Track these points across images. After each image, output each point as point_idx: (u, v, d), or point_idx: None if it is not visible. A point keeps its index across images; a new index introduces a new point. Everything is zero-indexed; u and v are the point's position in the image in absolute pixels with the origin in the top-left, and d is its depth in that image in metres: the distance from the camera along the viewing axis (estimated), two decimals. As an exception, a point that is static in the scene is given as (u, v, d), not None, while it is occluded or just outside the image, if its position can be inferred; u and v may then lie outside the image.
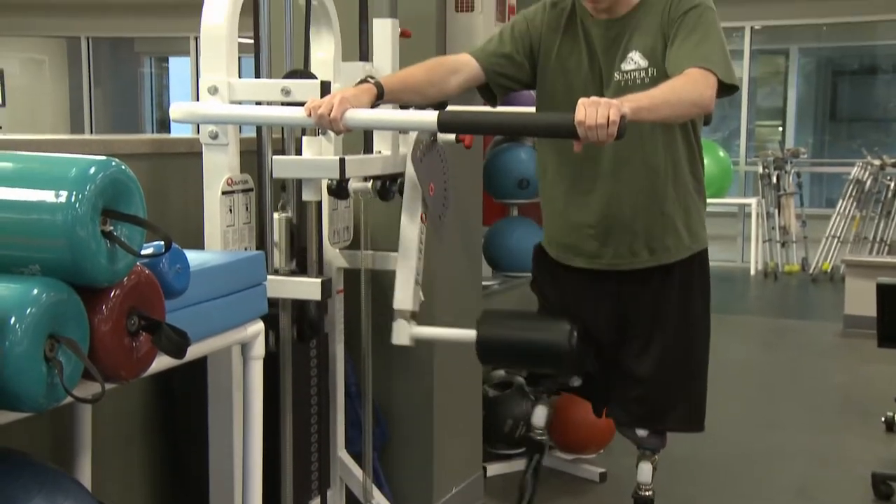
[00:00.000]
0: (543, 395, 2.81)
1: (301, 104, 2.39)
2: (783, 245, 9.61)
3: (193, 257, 1.91)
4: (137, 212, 1.62)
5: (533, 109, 2.75)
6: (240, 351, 2.30)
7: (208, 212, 2.57)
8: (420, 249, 2.70)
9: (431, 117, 2.28)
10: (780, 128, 11.88)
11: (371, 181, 2.73)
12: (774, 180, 9.59)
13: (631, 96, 2.22)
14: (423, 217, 2.70)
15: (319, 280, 2.60)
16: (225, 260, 2.20)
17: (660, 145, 2.51)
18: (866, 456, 4.40)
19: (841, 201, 9.27)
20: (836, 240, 9.21)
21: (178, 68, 13.67)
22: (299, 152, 2.64)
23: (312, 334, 2.79)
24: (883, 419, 4.79)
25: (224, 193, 2.57)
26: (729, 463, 4.36)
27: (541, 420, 2.82)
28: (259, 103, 2.66)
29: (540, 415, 2.82)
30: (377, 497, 3.08)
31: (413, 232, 2.68)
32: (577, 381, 2.69)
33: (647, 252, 2.57)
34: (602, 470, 4.08)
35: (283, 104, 2.57)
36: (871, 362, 5.92)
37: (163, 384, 2.67)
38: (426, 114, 2.36)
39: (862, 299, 6.43)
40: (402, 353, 3.13)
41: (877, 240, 9.01)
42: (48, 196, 1.49)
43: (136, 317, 1.65)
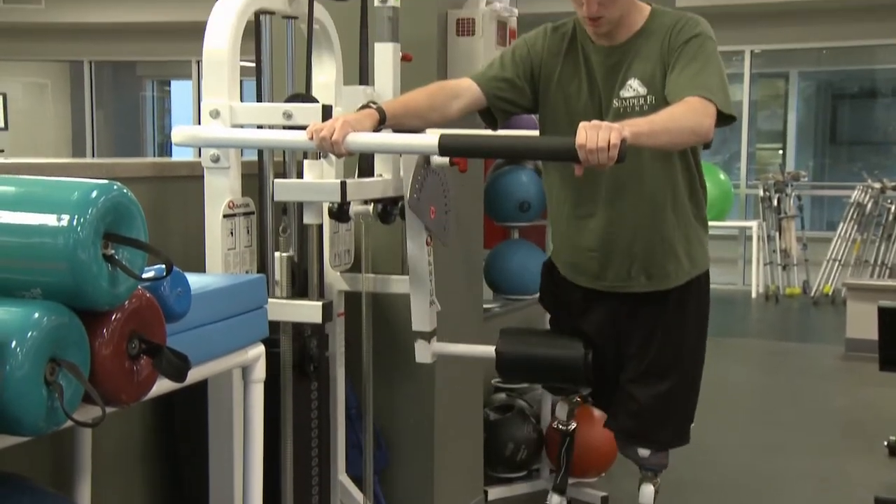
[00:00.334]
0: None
1: (302, 128, 2.40)
2: (784, 268, 9.61)
3: (194, 280, 1.91)
4: (139, 235, 1.62)
5: (533, 132, 2.77)
6: (240, 374, 2.30)
7: (209, 235, 2.57)
8: (430, 272, 2.80)
9: (432, 141, 2.29)
10: (781, 151, 11.91)
11: (372, 204, 2.73)
12: (775, 203, 9.60)
13: (631, 121, 2.23)
14: (429, 240, 2.75)
15: (320, 303, 2.60)
16: (226, 283, 2.20)
17: (658, 172, 2.52)
18: (869, 480, 4.38)
19: (842, 224, 9.27)
20: (838, 263, 9.21)
21: (180, 92, 13.71)
22: (301, 175, 2.64)
23: (314, 369, 2.81)
24: (885, 443, 4.77)
25: (225, 217, 2.57)
26: (730, 486, 4.34)
27: (563, 414, 2.92)
28: (260, 127, 2.67)
29: (562, 410, 2.92)
30: (378, 521, 3.07)
31: (421, 257, 2.77)
32: (587, 389, 2.83)
33: (645, 277, 2.58)
34: (604, 494, 4.06)
35: (285, 128, 2.58)
36: (873, 386, 5.90)
37: (163, 407, 2.67)
38: (427, 137, 2.37)
39: (863, 322, 6.42)
40: (403, 376, 3.13)
41: (878, 263, 9.01)
42: (50, 220, 1.50)
43: (137, 340, 1.65)
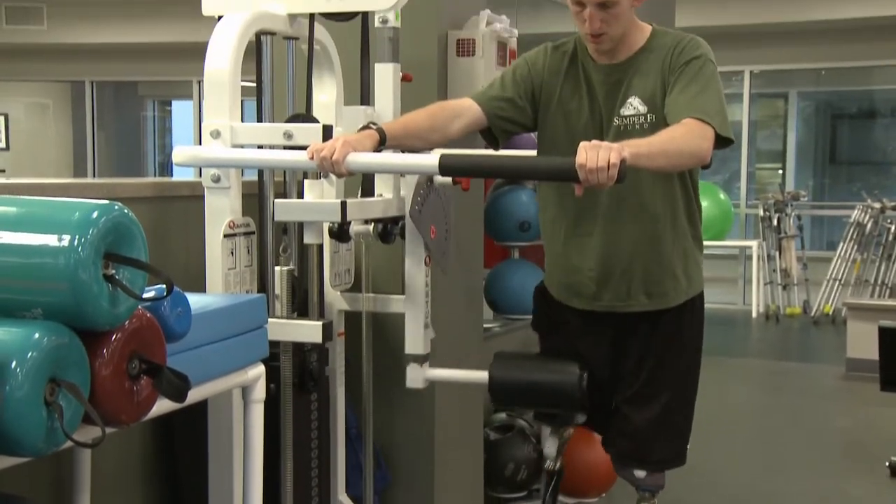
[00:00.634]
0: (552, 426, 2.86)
1: (303, 148, 2.41)
2: (784, 288, 9.60)
3: (195, 300, 1.91)
4: (139, 255, 1.62)
5: (534, 152, 2.77)
6: (240, 394, 2.29)
7: (210, 255, 2.57)
8: (427, 293, 2.74)
9: (433, 161, 2.30)
10: (781, 171, 11.92)
11: (372, 224, 2.73)
12: (775, 223, 9.61)
13: (631, 142, 2.24)
14: (428, 260, 2.73)
15: (320, 323, 2.60)
16: (226, 303, 2.21)
17: (658, 191, 2.53)
18: (870, 501, 4.37)
19: (842, 244, 9.27)
20: (838, 282, 9.21)
21: (181, 111, 13.75)
22: (301, 195, 2.65)
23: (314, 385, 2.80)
24: (887, 464, 4.75)
25: (226, 236, 2.58)
26: (732, 507, 4.33)
27: (552, 450, 2.84)
28: (261, 146, 2.67)
29: (551, 444, 2.84)
30: (378, 542, 3.06)
31: (419, 277, 2.72)
32: (582, 418, 2.75)
33: (645, 296, 2.58)
34: (604, 514, 4.05)
35: (286, 148, 2.58)
36: (874, 406, 5.89)
37: (163, 427, 2.66)
38: (427, 157, 2.37)
39: (864, 342, 6.41)
40: (403, 396, 3.12)
41: (878, 283, 9.01)
42: (51, 240, 1.50)
43: (138, 360, 1.65)
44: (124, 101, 13.65)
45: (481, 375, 2.73)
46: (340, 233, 2.66)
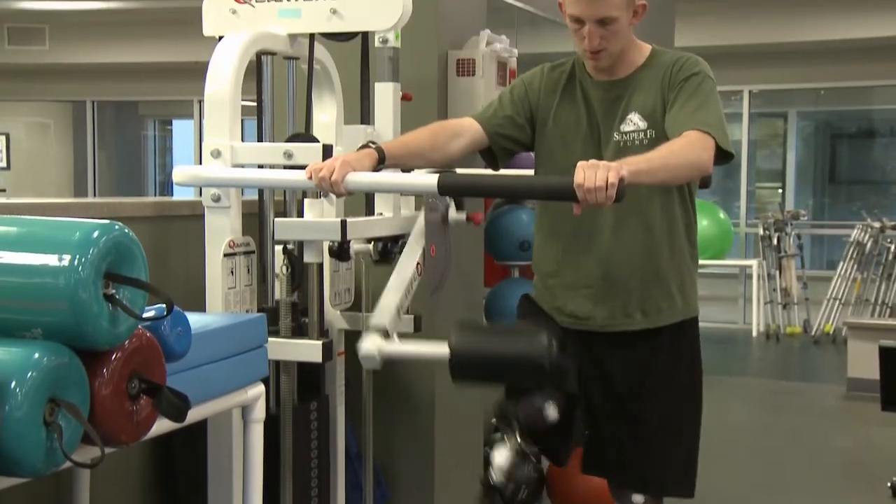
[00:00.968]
0: (508, 433, 2.62)
1: (303, 167, 2.41)
2: (785, 307, 9.59)
3: (195, 320, 1.91)
4: (140, 275, 1.62)
5: (532, 172, 2.77)
6: (240, 413, 2.29)
7: (210, 274, 2.58)
8: (410, 289, 2.57)
9: (432, 180, 2.30)
10: (780, 190, 11.93)
11: (372, 243, 2.74)
12: (775, 242, 9.61)
13: (629, 159, 2.24)
14: (419, 267, 2.69)
15: (321, 342, 2.60)
16: (226, 322, 2.21)
17: (657, 206, 2.52)
18: (872, 521, 4.35)
19: (842, 263, 9.27)
20: (838, 302, 9.20)
21: (182, 131, 13.78)
22: (301, 214, 2.65)
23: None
24: (889, 484, 4.73)
25: (226, 256, 2.58)
26: (733, 528, 4.31)
27: (502, 461, 2.63)
28: (261, 166, 2.68)
29: (500, 456, 2.62)
30: (377, 562, 3.05)
31: (409, 268, 2.55)
32: (554, 413, 2.47)
33: (641, 314, 2.55)
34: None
35: (286, 167, 2.59)
36: (876, 426, 5.87)
37: (163, 446, 2.66)
38: (426, 177, 2.37)
39: (865, 362, 6.40)
40: (403, 415, 3.12)
41: (878, 302, 9.00)
42: (51, 260, 1.50)
43: (137, 380, 1.65)
44: (125, 121, 13.68)
45: (442, 350, 2.40)
46: (340, 252, 2.66)
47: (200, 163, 2.63)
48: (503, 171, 2.76)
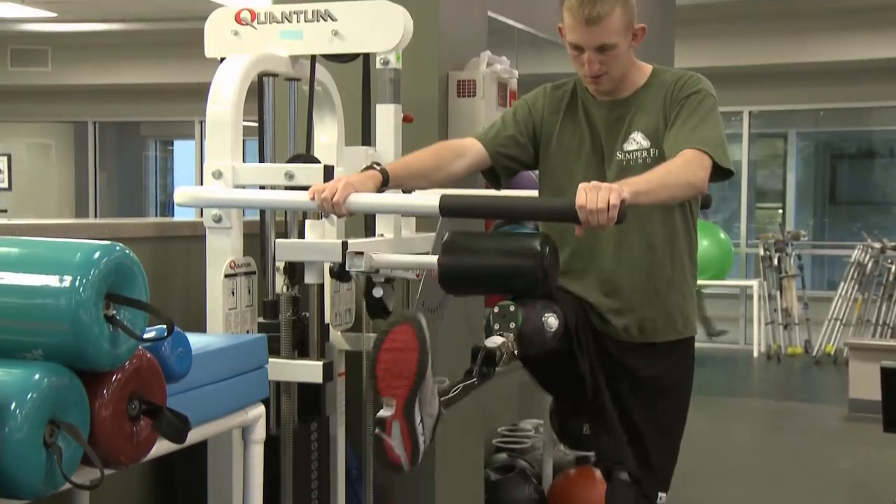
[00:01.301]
0: (506, 331, 2.31)
1: (304, 188, 2.41)
2: (786, 327, 9.58)
3: (195, 340, 1.91)
4: (140, 295, 1.62)
5: (534, 192, 2.77)
6: (240, 434, 2.29)
7: (211, 295, 2.58)
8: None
9: (433, 202, 2.30)
10: (781, 210, 11.94)
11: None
12: (776, 262, 9.61)
13: (629, 180, 2.25)
14: (419, 276, 2.71)
15: (321, 363, 2.60)
16: (226, 343, 2.21)
17: (659, 224, 2.53)
18: (874, 542, 4.32)
19: (842, 284, 9.26)
20: (839, 322, 9.18)
21: (183, 151, 13.81)
22: (302, 235, 2.65)
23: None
24: (890, 505, 4.72)
25: (227, 276, 2.58)
26: (735, 549, 4.29)
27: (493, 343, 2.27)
28: (263, 187, 2.69)
29: (496, 339, 2.29)
30: (378, 584, 3.03)
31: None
32: (555, 322, 2.30)
33: (638, 330, 2.56)
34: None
35: (287, 188, 2.59)
36: (878, 447, 5.85)
37: (163, 467, 2.65)
38: (428, 198, 2.37)
39: (866, 383, 6.38)
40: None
41: (879, 323, 8.99)
42: (52, 281, 1.50)
43: (137, 401, 1.65)
44: (126, 142, 13.71)
45: (430, 261, 2.43)
46: (341, 273, 2.66)
47: (202, 183, 2.63)
48: (502, 192, 2.76)
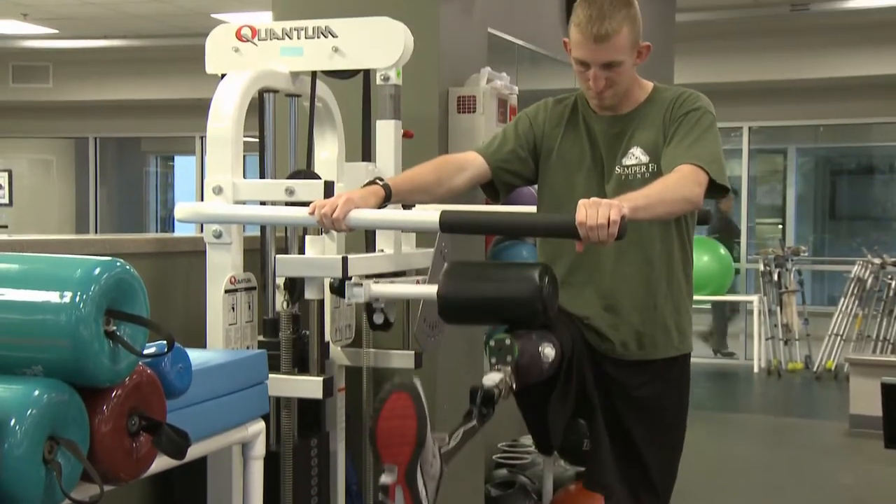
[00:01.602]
0: (503, 364, 2.28)
1: (304, 204, 2.42)
2: (786, 343, 9.57)
3: (195, 356, 1.91)
4: (141, 311, 1.62)
5: (533, 208, 2.78)
6: (240, 450, 2.28)
7: (211, 310, 2.58)
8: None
9: (433, 218, 2.30)
10: (781, 226, 11.95)
11: (374, 279, 2.74)
12: (776, 278, 9.60)
13: (627, 195, 2.26)
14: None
15: (321, 378, 2.60)
16: (227, 359, 2.21)
17: (657, 239, 2.53)
18: (876, 559, 4.31)
19: (843, 299, 9.26)
20: (839, 338, 9.17)
21: (183, 166, 13.83)
22: (302, 251, 2.66)
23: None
24: (892, 521, 4.70)
25: (227, 292, 2.58)
26: (736, 566, 4.27)
27: (491, 381, 2.22)
28: (263, 202, 2.69)
29: (493, 376, 2.24)
30: None
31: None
32: (551, 352, 2.29)
33: (637, 346, 2.55)
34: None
35: (287, 204, 2.60)
36: (879, 463, 5.83)
37: (162, 483, 2.64)
38: (428, 214, 2.38)
39: (867, 398, 6.37)
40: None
41: (880, 338, 8.98)
42: (52, 297, 1.50)
43: (137, 417, 1.64)
44: (127, 157, 13.74)
45: (430, 291, 2.43)
46: (341, 288, 2.66)
47: (202, 199, 2.63)
48: (501, 207, 2.77)
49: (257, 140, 2.85)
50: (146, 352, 1.66)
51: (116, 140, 13.03)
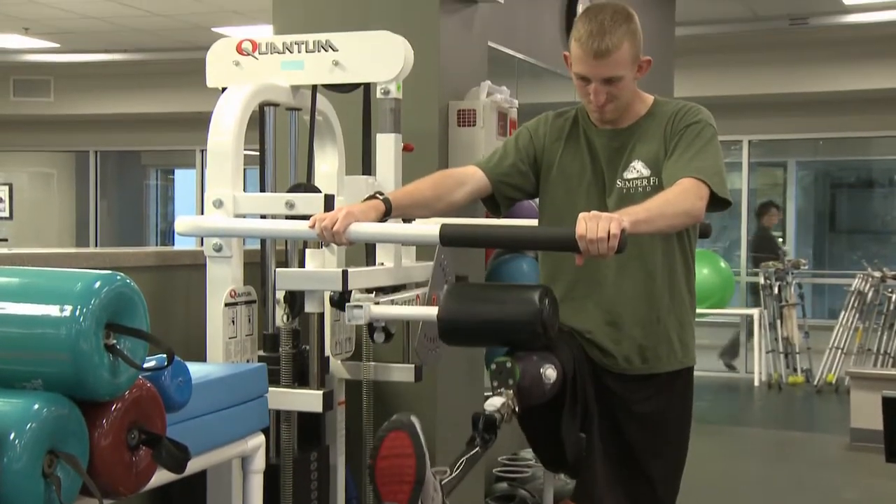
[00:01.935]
0: (505, 387, 2.28)
1: (305, 217, 2.42)
2: (786, 356, 9.56)
3: (195, 370, 1.91)
4: (141, 325, 1.62)
5: (534, 221, 2.78)
6: (240, 464, 2.28)
7: (211, 324, 2.58)
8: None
9: (433, 231, 2.30)
10: (781, 239, 11.96)
11: (374, 293, 2.74)
12: (776, 291, 9.60)
13: (628, 209, 2.26)
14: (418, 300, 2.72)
15: (321, 392, 2.59)
16: (226, 372, 2.20)
17: (659, 253, 2.53)
18: (878, 574, 4.29)
19: (843, 313, 9.25)
20: (840, 351, 9.16)
21: (184, 180, 13.84)
22: (303, 264, 2.66)
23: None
24: (893, 535, 4.68)
25: (227, 305, 2.58)
26: (737, 581, 4.25)
27: (493, 406, 2.22)
28: (263, 216, 2.69)
29: (493, 402, 2.23)
30: None
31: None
32: (553, 374, 2.29)
33: (640, 360, 2.55)
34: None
35: (287, 217, 2.60)
36: (880, 477, 5.82)
37: (161, 497, 2.64)
38: (428, 228, 2.38)
39: (868, 412, 6.35)
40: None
41: (881, 352, 8.97)
42: (52, 310, 1.50)
43: (137, 431, 1.64)
44: (127, 171, 13.76)
45: (430, 312, 2.42)
46: (342, 301, 2.66)
47: (202, 212, 2.64)
48: (502, 221, 2.77)
49: (258, 153, 2.85)
50: (146, 365, 1.66)
51: (117, 153, 13.05)
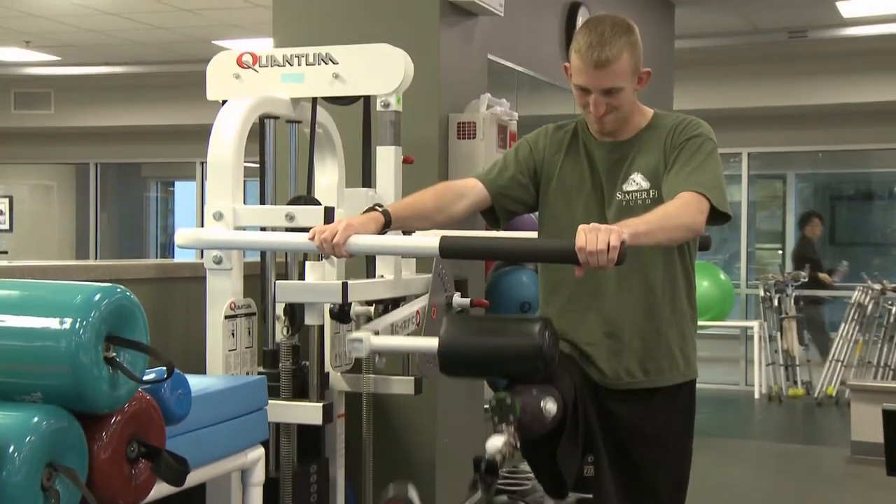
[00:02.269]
0: (506, 423, 2.25)
1: (305, 230, 2.42)
2: (786, 368, 9.55)
3: (195, 382, 1.90)
4: (141, 337, 1.62)
5: (533, 234, 2.78)
6: (239, 476, 2.27)
7: (211, 336, 2.57)
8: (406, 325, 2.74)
9: (433, 243, 2.30)
10: (780, 251, 11.95)
11: (373, 305, 2.74)
12: (776, 303, 9.60)
13: (628, 221, 2.26)
14: (418, 316, 2.72)
15: (321, 405, 2.59)
16: (226, 385, 2.20)
17: (660, 265, 2.53)
18: (879, 587, 4.27)
19: (843, 325, 9.25)
20: (840, 364, 9.16)
21: (184, 192, 13.85)
22: (303, 277, 2.66)
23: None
24: (895, 549, 4.67)
25: (227, 318, 2.58)
26: None
27: (497, 442, 2.19)
28: (263, 228, 2.69)
29: (494, 442, 2.19)
30: None
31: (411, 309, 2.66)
32: (553, 407, 2.28)
33: (642, 372, 2.54)
34: None
35: (287, 229, 2.60)
36: (881, 490, 5.80)
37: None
38: (428, 240, 2.38)
39: (869, 425, 6.34)
40: (403, 478, 3.09)
41: (881, 364, 8.96)
42: (52, 323, 1.50)
43: (136, 444, 1.64)
44: (128, 183, 13.77)
45: (431, 343, 2.39)
46: (341, 314, 2.66)
47: (202, 224, 2.64)
48: (501, 233, 2.77)
49: (258, 166, 2.85)
50: (146, 378, 1.66)
51: (117, 166, 13.06)
